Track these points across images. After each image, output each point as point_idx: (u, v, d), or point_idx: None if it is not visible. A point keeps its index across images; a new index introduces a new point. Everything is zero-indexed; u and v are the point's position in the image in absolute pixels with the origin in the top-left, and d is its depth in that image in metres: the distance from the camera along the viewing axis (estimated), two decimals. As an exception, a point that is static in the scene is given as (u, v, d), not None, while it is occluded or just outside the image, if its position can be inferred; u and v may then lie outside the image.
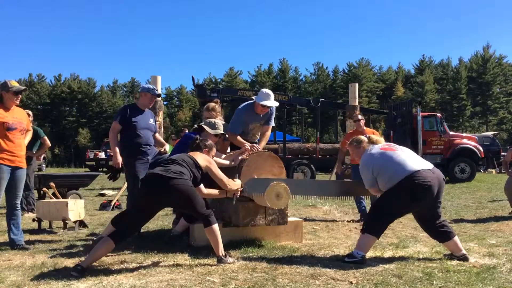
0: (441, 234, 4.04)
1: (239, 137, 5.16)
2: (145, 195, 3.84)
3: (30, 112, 7.44)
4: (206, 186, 4.30)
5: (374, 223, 3.97)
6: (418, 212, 4.10)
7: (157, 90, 5.40)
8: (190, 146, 4.35)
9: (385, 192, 4.00)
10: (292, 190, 4.42)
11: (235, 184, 4.33)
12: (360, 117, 6.80)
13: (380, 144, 4.29)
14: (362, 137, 4.47)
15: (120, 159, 5.14)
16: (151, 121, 5.38)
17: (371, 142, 4.33)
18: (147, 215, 3.92)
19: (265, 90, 5.33)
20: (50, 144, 7.82)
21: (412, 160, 4.00)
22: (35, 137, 7.35)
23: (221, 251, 3.86)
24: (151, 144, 5.31)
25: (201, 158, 4.10)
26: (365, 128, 6.77)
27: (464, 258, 3.97)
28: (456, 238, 4.04)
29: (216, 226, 3.89)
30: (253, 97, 5.33)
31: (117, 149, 5.15)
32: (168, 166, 3.88)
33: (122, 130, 5.22)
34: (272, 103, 5.23)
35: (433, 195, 3.89)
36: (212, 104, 5.54)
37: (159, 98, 11.19)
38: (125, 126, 5.18)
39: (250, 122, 5.36)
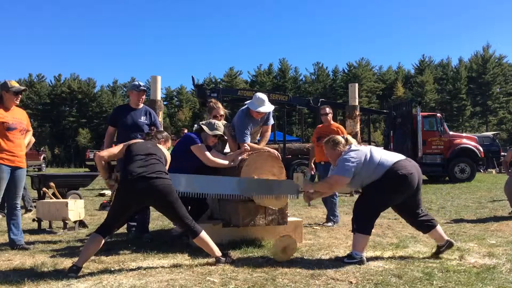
0: (424, 224, 4.10)
1: (250, 144, 5.10)
2: (128, 194, 3.73)
3: None
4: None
5: (362, 222, 3.98)
6: (399, 204, 4.11)
7: (142, 86, 5.40)
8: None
9: (367, 189, 4.03)
10: (261, 190, 4.49)
11: None
12: (328, 110, 6.61)
13: (355, 144, 4.25)
14: (340, 138, 4.29)
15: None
16: (143, 118, 5.33)
17: (348, 143, 4.25)
18: (129, 211, 3.87)
19: (258, 95, 5.20)
20: (34, 140, 7.84)
21: (387, 154, 4.09)
22: None
23: (217, 252, 3.85)
24: None
25: (168, 155, 4.10)
26: (332, 122, 6.65)
27: (449, 244, 4.07)
28: (439, 227, 4.12)
29: (203, 234, 3.83)
30: (247, 103, 5.24)
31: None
32: (149, 164, 3.78)
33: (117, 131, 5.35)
34: (267, 108, 5.15)
35: (415, 183, 3.95)
36: (209, 105, 5.56)
37: (159, 98, 11.18)
38: (116, 127, 5.32)
39: (252, 127, 5.31)
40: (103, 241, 3.70)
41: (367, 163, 3.99)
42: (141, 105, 5.39)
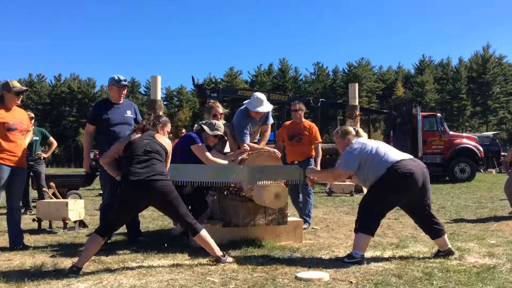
0: (435, 230, 4.11)
1: (250, 144, 5.11)
2: (129, 195, 3.75)
3: (32, 114, 7.63)
4: None
5: (365, 222, 3.98)
6: (408, 205, 4.13)
7: (123, 81, 4.93)
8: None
9: (371, 189, 4.04)
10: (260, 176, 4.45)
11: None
12: (299, 107, 6.14)
13: (365, 138, 4.28)
14: (350, 128, 4.35)
15: (88, 164, 5.01)
16: (128, 113, 4.99)
17: (358, 135, 4.28)
18: (132, 212, 3.95)
19: (256, 95, 5.21)
20: (56, 143, 8.29)
21: (392, 152, 4.07)
22: (45, 138, 8.04)
23: (218, 251, 3.85)
24: None
25: (168, 144, 4.02)
26: (303, 120, 6.21)
27: (449, 252, 4.07)
28: (445, 236, 4.15)
29: (203, 232, 3.83)
30: (245, 103, 5.25)
31: (87, 153, 5.04)
32: (149, 165, 3.78)
33: (97, 128, 4.93)
34: (265, 108, 5.15)
35: (417, 183, 3.93)
36: (208, 105, 5.56)
37: (159, 98, 11.18)
38: (98, 124, 4.91)
39: (251, 127, 5.31)
40: (102, 242, 3.71)
41: (371, 158, 3.99)
42: (123, 100, 5.02)
